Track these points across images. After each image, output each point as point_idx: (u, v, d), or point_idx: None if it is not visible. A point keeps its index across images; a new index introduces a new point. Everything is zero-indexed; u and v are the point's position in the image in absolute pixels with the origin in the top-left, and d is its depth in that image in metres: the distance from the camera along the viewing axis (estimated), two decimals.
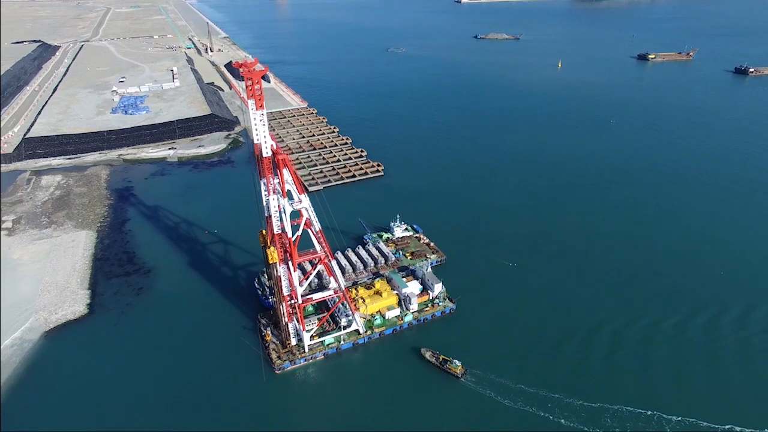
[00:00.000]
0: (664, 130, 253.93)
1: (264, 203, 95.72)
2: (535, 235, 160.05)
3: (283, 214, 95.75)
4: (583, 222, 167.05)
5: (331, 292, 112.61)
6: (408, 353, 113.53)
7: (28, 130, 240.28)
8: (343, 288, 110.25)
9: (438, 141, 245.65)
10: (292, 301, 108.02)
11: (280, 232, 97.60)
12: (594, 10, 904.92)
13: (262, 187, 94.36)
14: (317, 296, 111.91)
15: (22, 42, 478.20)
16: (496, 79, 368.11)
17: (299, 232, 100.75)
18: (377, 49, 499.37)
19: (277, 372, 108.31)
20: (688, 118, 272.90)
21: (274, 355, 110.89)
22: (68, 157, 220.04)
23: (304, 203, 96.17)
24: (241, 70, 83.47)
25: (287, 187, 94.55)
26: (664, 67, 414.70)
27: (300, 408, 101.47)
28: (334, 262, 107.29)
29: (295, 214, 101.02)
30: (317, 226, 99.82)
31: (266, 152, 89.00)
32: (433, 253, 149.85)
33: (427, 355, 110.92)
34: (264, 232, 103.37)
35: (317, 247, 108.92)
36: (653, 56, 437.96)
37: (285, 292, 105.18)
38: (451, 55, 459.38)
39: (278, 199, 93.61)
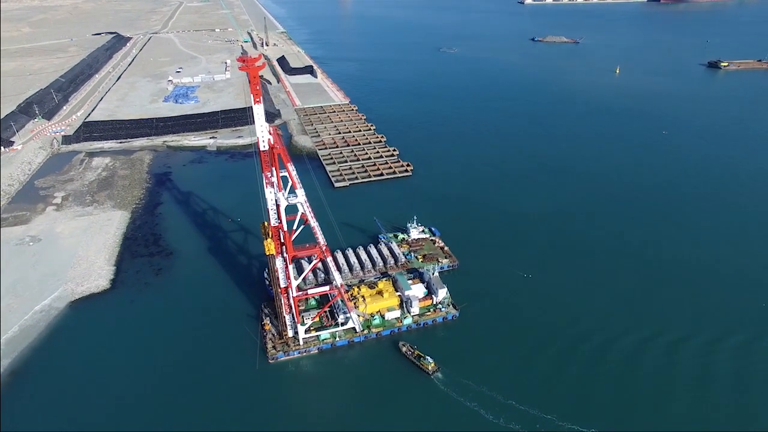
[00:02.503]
0: (719, 145, 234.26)
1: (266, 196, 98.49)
2: (557, 248, 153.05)
3: (279, 208, 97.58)
4: (612, 237, 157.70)
5: (327, 287, 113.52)
6: (393, 351, 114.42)
7: (89, 114, 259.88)
8: (339, 284, 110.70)
9: (474, 144, 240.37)
10: (294, 294, 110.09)
11: (276, 224, 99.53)
12: (669, 12, 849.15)
13: (265, 180, 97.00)
14: (312, 291, 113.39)
15: (100, 33, 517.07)
16: (546, 83, 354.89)
17: (295, 227, 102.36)
18: (429, 49, 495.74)
19: (270, 361, 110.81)
20: (749, 133, 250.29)
21: (269, 345, 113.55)
22: (119, 141, 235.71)
23: (300, 198, 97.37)
24: (239, 64, 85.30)
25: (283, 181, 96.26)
26: (738, 76, 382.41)
27: (284, 398, 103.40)
28: (331, 259, 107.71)
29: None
30: (313, 221, 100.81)
31: (263, 146, 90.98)
32: (445, 258, 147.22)
33: (404, 349, 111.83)
34: (266, 223, 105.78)
35: (322, 241, 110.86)
36: (726, 64, 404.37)
37: (282, 284, 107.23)
38: (503, 58, 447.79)
39: (274, 193, 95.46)
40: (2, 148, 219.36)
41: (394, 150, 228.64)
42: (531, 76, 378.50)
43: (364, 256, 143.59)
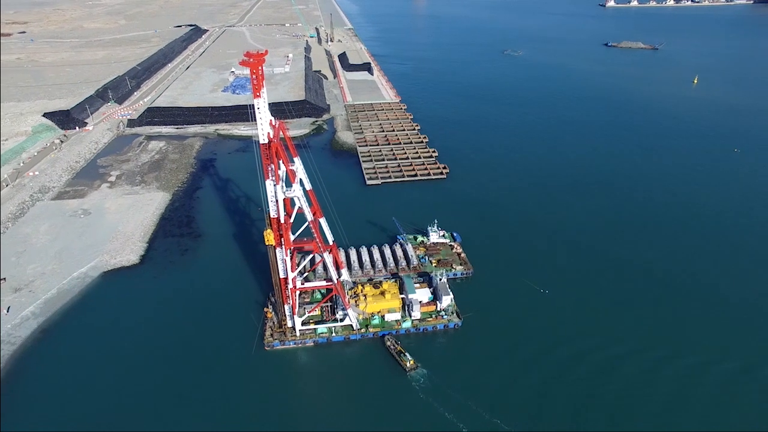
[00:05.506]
0: None
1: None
2: (583, 266, 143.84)
3: (278, 201, 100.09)
4: (646, 261, 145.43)
5: (324, 282, 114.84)
6: (380, 347, 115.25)
7: (154, 100, 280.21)
8: (337, 281, 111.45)
9: (519, 152, 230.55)
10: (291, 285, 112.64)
11: (275, 216, 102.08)
12: None
13: (266, 172, 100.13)
14: (309, 285, 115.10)
15: (181, 26, 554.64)
16: (612, 92, 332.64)
17: (292, 219, 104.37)
18: (493, 51, 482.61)
19: (266, 348, 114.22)
20: None
21: (268, 333, 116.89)
22: (176, 126, 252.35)
23: (297, 192, 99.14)
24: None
25: (282, 174, 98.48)
26: None
27: (269, 385, 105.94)
28: (329, 255, 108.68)
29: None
30: (309, 216, 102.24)
31: (263, 139, 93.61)
32: (461, 264, 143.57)
33: (388, 343, 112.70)
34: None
35: (329, 237, 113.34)
36: None
37: (281, 275, 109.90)
38: (569, 63, 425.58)
39: (273, 186, 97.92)
40: (76, 128, 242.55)
41: (433, 152, 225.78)
42: (596, 83, 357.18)
43: (377, 254, 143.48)
